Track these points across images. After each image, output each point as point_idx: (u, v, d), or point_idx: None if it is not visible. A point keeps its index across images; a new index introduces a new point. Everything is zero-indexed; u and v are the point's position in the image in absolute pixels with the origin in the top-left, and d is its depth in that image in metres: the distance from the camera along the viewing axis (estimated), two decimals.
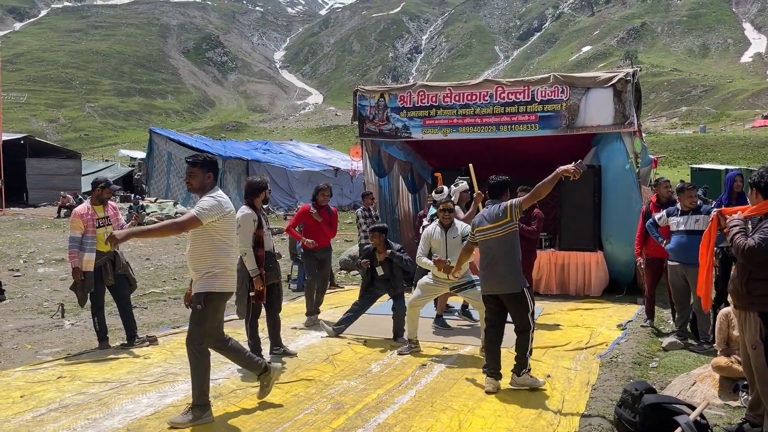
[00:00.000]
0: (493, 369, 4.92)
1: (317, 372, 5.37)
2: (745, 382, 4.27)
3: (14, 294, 9.00)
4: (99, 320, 6.13)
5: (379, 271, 6.58)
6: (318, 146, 43.67)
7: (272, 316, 5.87)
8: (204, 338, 4.24)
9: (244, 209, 5.59)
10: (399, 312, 6.45)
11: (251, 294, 5.49)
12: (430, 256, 5.98)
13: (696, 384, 4.68)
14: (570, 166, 4.38)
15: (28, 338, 6.56)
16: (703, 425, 3.73)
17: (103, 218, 6.10)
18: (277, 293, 5.89)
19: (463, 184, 7.34)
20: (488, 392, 4.80)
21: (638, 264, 7.25)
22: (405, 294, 6.66)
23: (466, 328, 7.14)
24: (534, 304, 4.97)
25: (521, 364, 4.84)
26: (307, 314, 7.33)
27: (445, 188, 8.61)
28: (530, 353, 4.89)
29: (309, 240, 7.04)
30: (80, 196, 25.57)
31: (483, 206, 5.88)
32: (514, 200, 4.86)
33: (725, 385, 4.59)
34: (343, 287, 10.16)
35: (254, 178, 6.09)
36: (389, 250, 6.55)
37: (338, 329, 6.65)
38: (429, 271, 6.07)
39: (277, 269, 5.77)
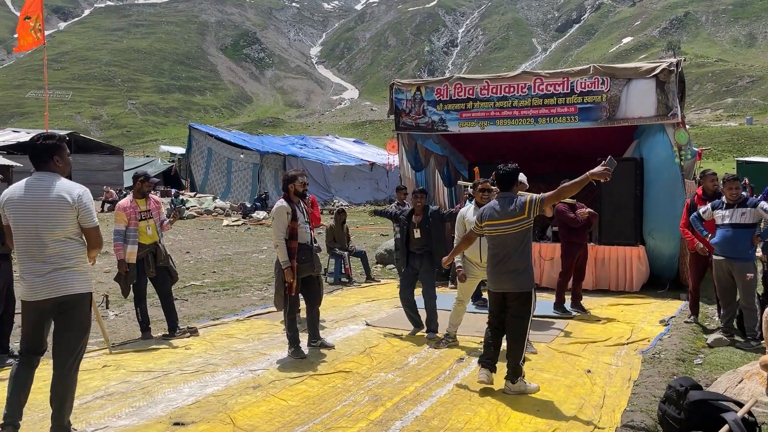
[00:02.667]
0: (489, 359, 4.73)
1: (355, 364, 5.39)
2: None
3: None
4: (141, 311, 6.28)
5: (416, 233, 6.42)
6: (354, 141, 43.84)
7: (311, 309, 5.91)
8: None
9: (279, 201, 5.64)
10: (429, 303, 6.39)
11: (285, 285, 5.55)
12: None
13: (743, 381, 4.54)
14: (598, 169, 4.16)
15: None
16: (751, 423, 3.62)
17: (145, 211, 6.23)
18: (316, 287, 5.88)
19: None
20: (480, 382, 4.67)
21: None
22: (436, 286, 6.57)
23: None
24: (533, 307, 4.74)
25: (516, 372, 4.58)
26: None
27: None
28: (524, 361, 4.66)
29: None
30: (124, 192, 26.19)
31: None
32: (535, 196, 4.52)
33: None
34: (379, 281, 10.18)
35: (289, 171, 6.12)
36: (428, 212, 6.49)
37: (415, 330, 6.51)
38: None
39: (313, 262, 5.73)
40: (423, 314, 6.48)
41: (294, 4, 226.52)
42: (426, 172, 11.15)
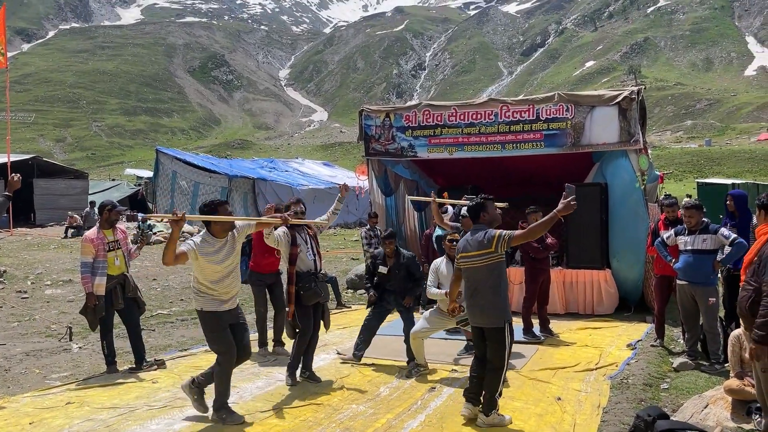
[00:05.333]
0: (472, 393, 4.71)
1: (326, 396, 5.34)
2: (758, 405, 4.24)
3: (22, 317, 9.02)
4: (107, 344, 6.14)
5: (383, 269, 6.43)
6: (323, 163, 43.80)
7: (310, 337, 5.83)
8: None
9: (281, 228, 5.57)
10: (409, 328, 6.39)
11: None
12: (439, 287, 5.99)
13: (709, 406, 4.63)
14: (563, 205, 4.19)
15: (37, 362, 6.56)
16: None
17: (113, 242, 6.12)
18: (320, 315, 5.79)
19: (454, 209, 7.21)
20: (463, 415, 4.67)
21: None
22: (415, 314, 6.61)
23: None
24: (512, 343, 4.67)
25: (490, 405, 4.57)
26: (260, 345, 6.91)
27: (450, 208, 8.65)
28: (500, 394, 4.63)
29: None
30: (87, 210, 25.65)
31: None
32: (504, 232, 4.52)
33: (738, 407, 4.54)
34: (350, 307, 10.13)
35: (290, 199, 6.14)
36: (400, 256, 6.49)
37: (358, 355, 6.48)
38: None
39: (316, 290, 5.57)
40: (398, 342, 6.49)
41: (263, 27, 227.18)
42: (396, 197, 11.21)
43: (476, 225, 4.73)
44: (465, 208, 7.04)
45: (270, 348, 6.94)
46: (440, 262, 6.11)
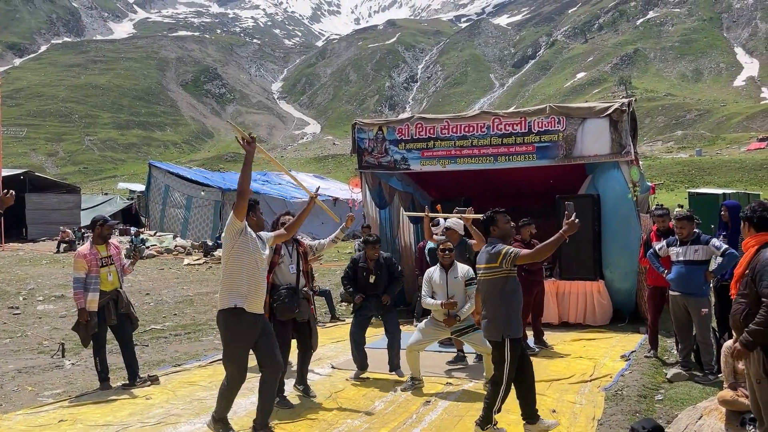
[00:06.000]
0: (526, 414, 4.64)
1: (321, 411, 5.32)
2: (752, 416, 4.25)
3: (14, 333, 8.96)
4: (100, 360, 6.10)
5: (371, 279, 6.43)
6: (316, 176, 43.83)
7: (302, 354, 5.79)
8: None
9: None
10: (393, 343, 6.39)
11: None
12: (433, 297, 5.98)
13: (703, 417, 4.64)
14: (567, 226, 4.20)
15: (29, 379, 6.51)
16: None
17: (106, 257, 6.10)
18: (308, 332, 5.64)
19: (452, 221, 7.17)
20: None
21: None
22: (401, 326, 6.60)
23: (473, 362, 7.02)
24: (514, 360, 4.54)
25: (486, 419, 4.52)
26: None
27: (441, 220, 8.67)
28: (498, 411, 4.55)
29: None
30: (82, 231, 25.57)
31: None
32: (511, 250, 4.51)
33: (732, 418, 4.55)
34: (344, 320, 10.10)
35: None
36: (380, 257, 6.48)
37: (358, 373, 6.46)
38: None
39: (289, 305, 5.40)
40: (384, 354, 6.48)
41: (255, 40, 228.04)
42: (390, 209, 11.23)
43: (490, 239, 4.74)
44: (449, 221, 7.11)
45: None
46: (433, 271, 6.10)
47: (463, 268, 6.04)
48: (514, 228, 4.63)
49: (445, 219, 7.49)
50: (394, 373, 6.32)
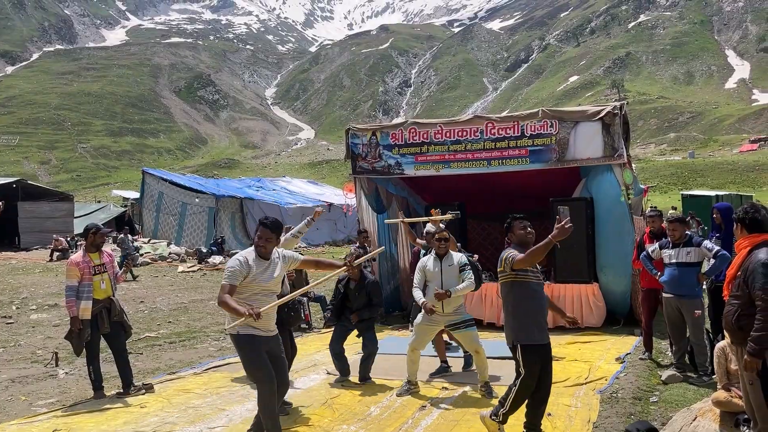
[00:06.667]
0: (530, 425, 4.55)
1: (316, 417, 5.31)
2: (746, 416, 4.27)
3: (7, 342, 8.91)
4: (94, 369, 6.06)
5: (357, 296, 6.41)
6: (309, 182, 43.85)
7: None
8: None
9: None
10: (369, 349, 6.37)
11: None
12: (426, 287, 5.95)
13: (697, 419, 4.65)
14: (558, 230, 4.12)
15: (23, 389, 6.48)
16: None
17: (99, 265, 6.07)
18: (287, 342, 5.55)
19: (430, 226, 7.26)
20: None
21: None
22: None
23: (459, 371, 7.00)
24: (527, 367, 4.43)
25: (495, 411, 4.57)
26: None
27: (429, 225, 8.70)
28: (508, 410, 4.48)
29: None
30: (75, 239, 25.46)
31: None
32: (510, 255, 4.48)
33: (726, 419, 4.56)
34: None
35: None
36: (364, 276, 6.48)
37: (346, 377, 6.46)
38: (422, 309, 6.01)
39: (299, 314, 5.44)
40: (386, 360, 6.47)
41: (248, 46, 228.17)
42: (388, 214, 11.22)
43: (507, 245, 4.75)
44: (428, 226, 7.19)
45: None
46: (427, 260, 6.08)
47: (457, 255, 6.03)
48: (531, 234, 4.52)
49: (424, 224, 7.52)
50: (362, 382, 6.30)
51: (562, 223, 4.11)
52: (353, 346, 6.84)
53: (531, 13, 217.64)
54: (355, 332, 6.55)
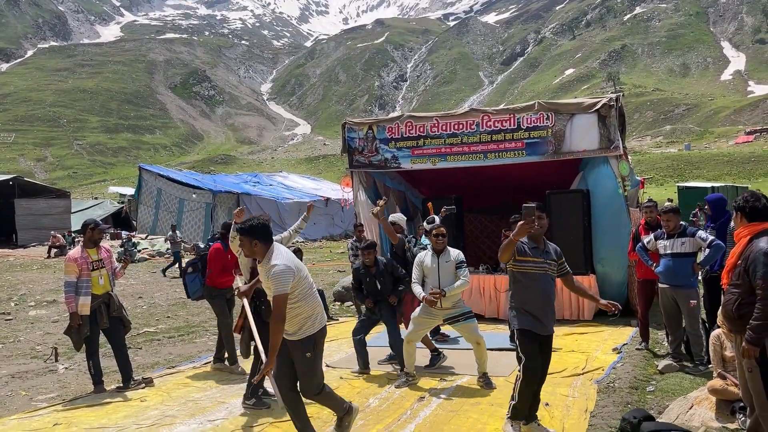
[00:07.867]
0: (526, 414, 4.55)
1: (316, 408, 5.32)
2: (742, 404, 4.31)
3: (6, 339, 8.92)
4: (94, 364, 6.08)
5: (377, 284, 6.46)
6: (306, 177, 43.84)
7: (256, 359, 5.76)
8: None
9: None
10: (395, 344, 6.40)
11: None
12: (424, 282, 5.98)
13: (693, 407, 4.70)
14: (517, 229, 4.13)
15: (23, 384, 6.50)
16: None
17: (97, 261, 6.09)
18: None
19: (395, 216, 7.34)
20: None
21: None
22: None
23: (463, 360, 7.05)
24: (524, 352, 4.50)
25: (509, 408, 4.56)
26: (231, 363, 6.75)
27: (436, 217, 8.71)
28: (516, 401, 4.46)
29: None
30: (72, 235, 25.42)
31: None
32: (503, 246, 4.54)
33: (722, 407, 4.61)
34: (338, 319, 10.13)
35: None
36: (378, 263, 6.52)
37: (361, 372, 6.49)
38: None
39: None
40: (385, 352, 6.50)
41: (243, 42, 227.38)
42: (387, 207, 11.24)
43: None
44: (392, 216, 7.44)
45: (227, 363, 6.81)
46: (425, 255, 6.10)
47: (454, 252, 6.05)
48: (525, 223, 4.43)
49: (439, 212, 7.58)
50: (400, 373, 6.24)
51: (522, 221, 4.16)
52: (352, 345, 6.86)
53: (526, 6, 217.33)
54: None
